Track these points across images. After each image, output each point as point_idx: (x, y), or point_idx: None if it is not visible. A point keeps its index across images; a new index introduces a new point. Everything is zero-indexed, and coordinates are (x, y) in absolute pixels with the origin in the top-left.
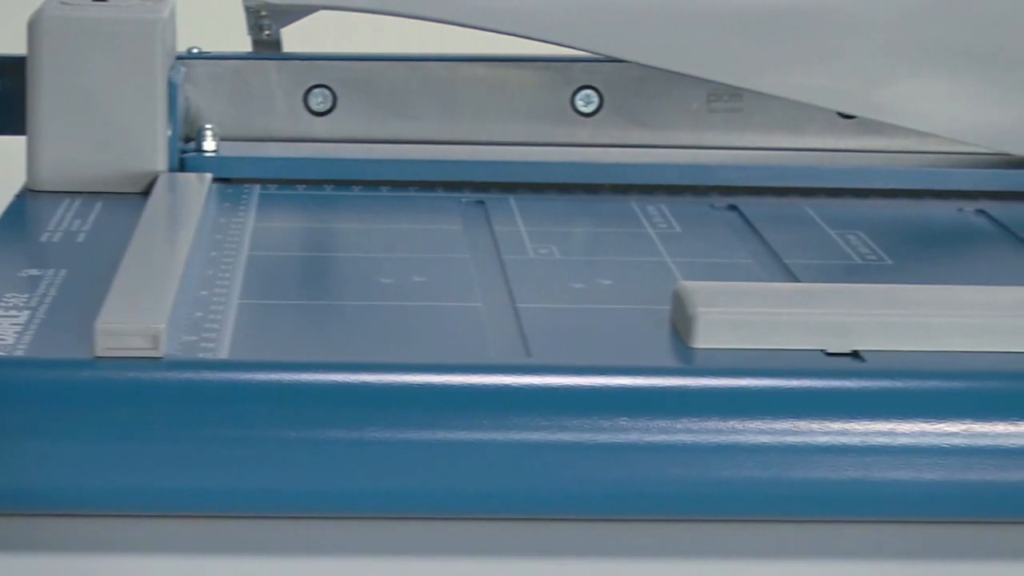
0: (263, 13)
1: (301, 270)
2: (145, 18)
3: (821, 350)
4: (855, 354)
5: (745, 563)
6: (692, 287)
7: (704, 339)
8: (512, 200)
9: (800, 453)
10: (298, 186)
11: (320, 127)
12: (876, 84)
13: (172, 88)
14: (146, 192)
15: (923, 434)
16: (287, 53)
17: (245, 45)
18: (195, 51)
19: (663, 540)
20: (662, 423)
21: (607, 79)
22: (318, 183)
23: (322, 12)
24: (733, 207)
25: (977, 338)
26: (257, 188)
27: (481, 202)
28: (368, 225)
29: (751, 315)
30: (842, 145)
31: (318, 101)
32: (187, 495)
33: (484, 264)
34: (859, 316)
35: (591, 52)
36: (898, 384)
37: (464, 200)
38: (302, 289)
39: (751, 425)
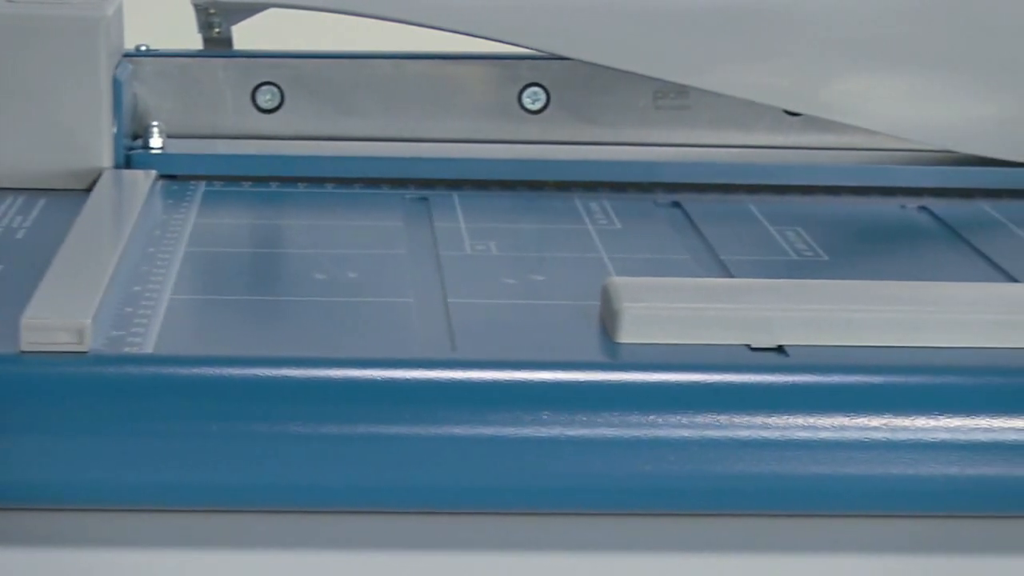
0: (212, 11)
1: (236, 266)
2: (89, 16)
3: (746, 345)
4: (779, 349)
5: (665, 556)
6: (619, 283)
7: (629, 334)
8: (456, 197)
9: (723, 447)
10: (244, 183)
11: (268, 124)
12: (820, 82)
13: (117, 85)
14: (91, 189)
15: (844, 428)
16: (235, 51)
17: (199, 43)
18: (143, 48)
19: (585, 534)
20: (583, 417)
21: (554, 77)
22: (264, 180)
23: (273, 10)
24: (677, 204)
25: (900, 333)
26: (203, 185)
27: (425, 199)
28: (309, 221)
29: (676, 311)
30: (789, 142)
31: (266, 98)
32: (108, 488)
33: (420, 260)
34: (783, 311)
35: (538, 50)
36: (821, 379)
37: (408, 197)
38: (235, 285)
39: (673, 419)
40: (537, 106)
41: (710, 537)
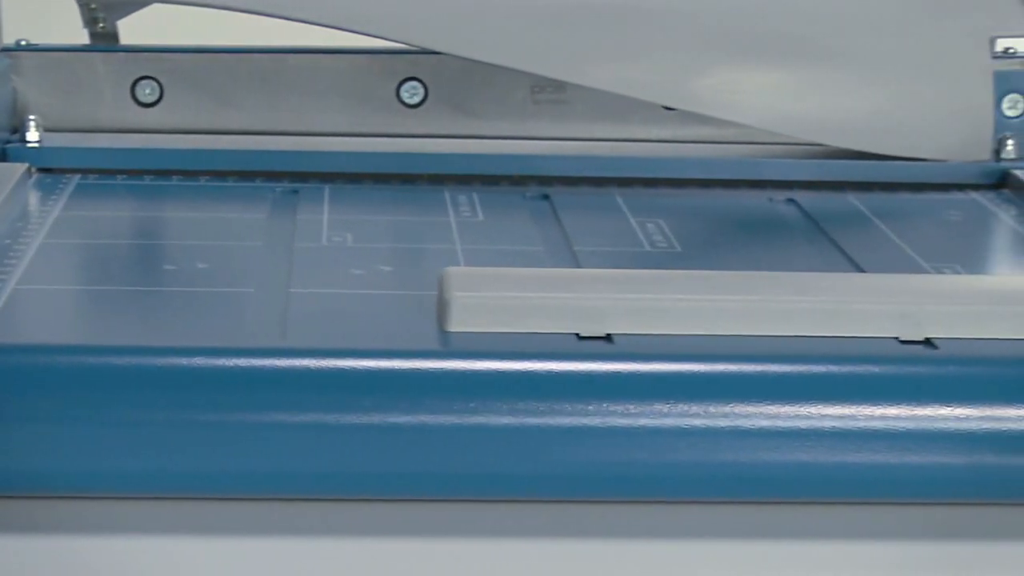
0: (93, 6)
1: (88, 257)
2: None
3: (575, 334)
4: (608, 337)
5: (482, 542)
6: (454, 272)
7: (458, 323)
8: (327, 190)
9: (549, 435)
10: (118, 176)
11: (148, 118)
12: (691, 76)
13: None
14: None
15: (667, 415)
16: (114, 45)
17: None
18: (23, 43)
19: (403, 519)
20: (406, 405)
21: (432, 71)
22: (138, 173)
23: (158, 5)
24: (546, 196)
25: (725, 321)
26: (76, 178)
27: (296, 191)
28: (175, 214)
29: (505, 299)
30: (665, 136)
31: (146, 92)
32: None
33: (274, 251)
34: (611, 300)
35: (415, 46)
36: (648, 367)
37: (279, 190)
38: (83, 275)
39: (497, 407)
40: (415, 100)
41: (530, 523)
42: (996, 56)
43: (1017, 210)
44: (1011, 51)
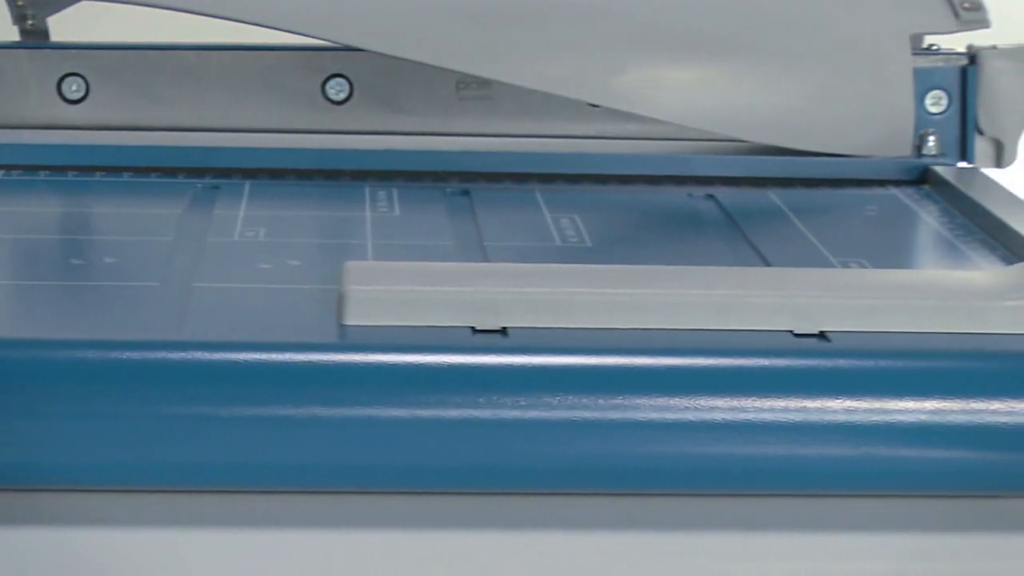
0: (20, 3)
1: (1, 253)
2: None
3: (470, 327)
4: (503, 331)
5: (371, 534)
6: (354, 266)
7: (354, 316)
8: (248, 186)
9: (442, 428)
10: (41, 172)
11: (74, 115)
12: (612, 73)
13: None
14: None
15: (561, 407)
16: (40, 42)
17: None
18: None
19: (296, 511)
20: (299, 397)
21: (358, 68)
22: (62, 169)
23: (85, 3)
24: (466, 192)
25: (620, 315)
26: None
27: (217, 187)
28: (92, 210)
29: (401, 293)
30: (591, 132)
31: (72, 89)
32: None
33: (184, 246)
34: (506, 294)
35: (339, 44)
36: (542, 360)
37: (201, 186)
38: None
39: (392, 399)
40: (341, 96)
41: (418, 515)
42: (919, 52)
43: (934, 205)
44: (935, 48)
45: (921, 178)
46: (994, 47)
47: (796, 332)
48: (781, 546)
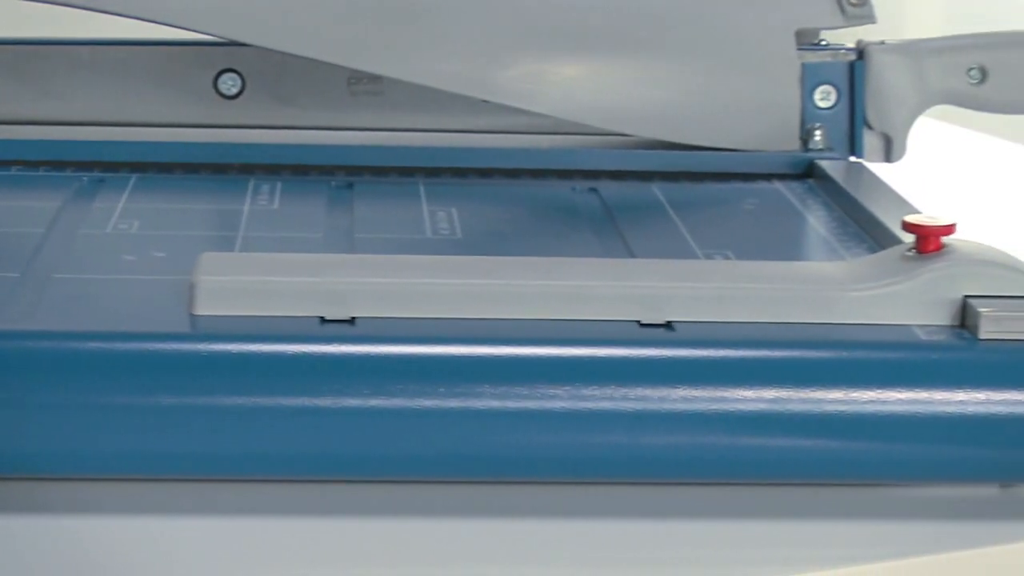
0: None
1: None
2: None
3: (320, 317)
4: (351, 321)
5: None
6: (207, 257)
7: (204, 306)
8: (133, 179)
9: (286, 416)
10: None
11: None
12: (496, 67)
13: None
14: None
15: (405, 396)
16: None
17: None
18: None
19: (145, 499)
20: (148, 386)
21: (249, 62)
22: None
23: None
24: (350, 186)
25: (467, 305)
26: None
27: (102, 180)
28: None
29: (250, 283)
30: (482, 126)
31: None
32: None
33: (55, 238)
34: (354, 284)
35: (228, 39)
36: (388, 349)
37: (86, 179)
38: None
39: (239, 389)
40: (233, 91)
41: (257, 502)
42: (808, 47)
43: (814, 199)
44: (823, 43)
45: (807, 172)
46: (882, 42)
47: (643, 322)
48: (623, 534)
